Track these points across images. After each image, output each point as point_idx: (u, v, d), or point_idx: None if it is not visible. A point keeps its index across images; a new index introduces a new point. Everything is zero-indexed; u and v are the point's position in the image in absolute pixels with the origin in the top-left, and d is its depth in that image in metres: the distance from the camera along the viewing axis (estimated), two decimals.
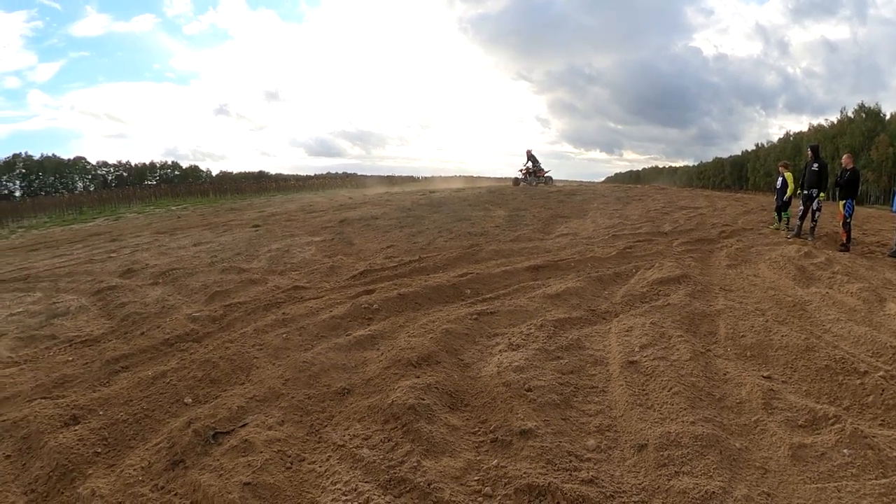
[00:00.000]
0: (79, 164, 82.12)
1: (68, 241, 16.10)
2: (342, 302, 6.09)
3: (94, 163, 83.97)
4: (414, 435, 3.29)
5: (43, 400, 4.30)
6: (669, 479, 2.82)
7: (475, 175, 49.04)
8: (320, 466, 3.18)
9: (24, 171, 77.97)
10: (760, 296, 6.07)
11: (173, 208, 27.61)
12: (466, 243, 9.51)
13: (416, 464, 3.02)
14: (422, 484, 2.87)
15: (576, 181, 40.70)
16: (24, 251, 14.97)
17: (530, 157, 24.22)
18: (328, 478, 3.03)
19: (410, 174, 56.81)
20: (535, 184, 23.30)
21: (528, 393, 3.81)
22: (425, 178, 48.85)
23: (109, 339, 5.80)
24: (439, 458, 3.13)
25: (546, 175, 24.44)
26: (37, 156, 78.37)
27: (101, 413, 4.00)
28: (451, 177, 48.84)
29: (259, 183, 48.96)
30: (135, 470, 3.32)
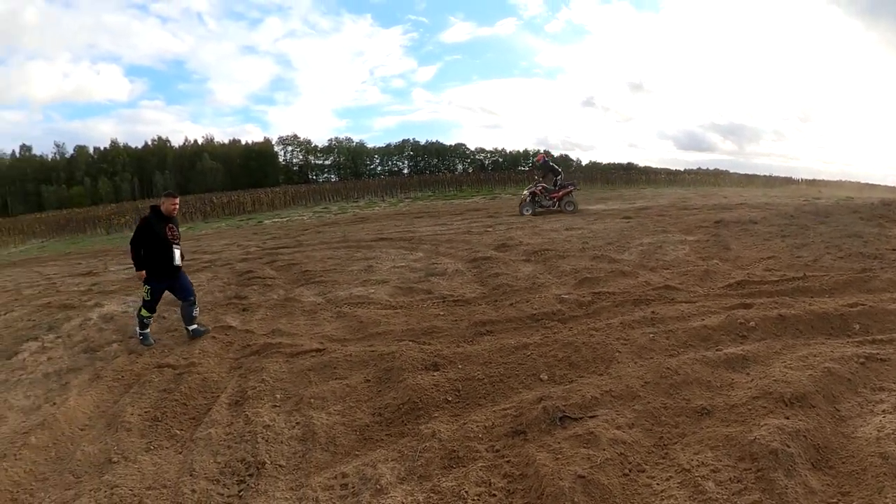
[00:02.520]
0: (459, 150, 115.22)
1: (449, 213, 21.00)
2: (715, 312, 6.22)
3: (472, 149, 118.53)
4: (766, 484, 3.26)
5: (410, 343, 6.04)
6: None
7: (864, 182, 48.10)
8: (658, 485, 3.49)
9: (411, 153, 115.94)
10: None
11: None
12: (857, 266, 8.43)
13: None
14: None
15: None
16: (410, 217, 20.56)
17: (545, 166, 19.57)
18: (663, 499, 3.34)
19: (788, 174, 56.50)
20: (539, 208, 18.80)
21: None
22: (805, 180, 45.02)
23: (479, 303, 7.56)
24: None
25: (566, 193, 18.97)
26: (422, 141, 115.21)
27: (459, 367, 5.34)
28: (836, 181, 50.15)
29: (628, 174, 56.26)
30: (477, 426, 4.30)
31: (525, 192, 19.67)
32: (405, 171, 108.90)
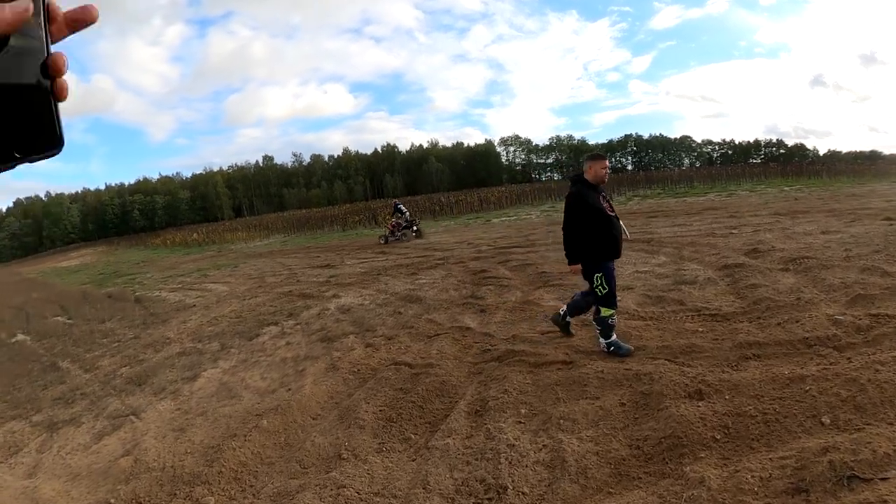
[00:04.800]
0: (684, 143, 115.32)
1: (684, 212, 20.49)
2: None
3: (698, 141, 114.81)
4: None
5: (667, 363, 5.34)
6: None
7: None
8: None
9: (634, 148, 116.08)
10: None
11: (786, 188, 30.92)
12: None
13: None
14: None
15: None
16: (643, 217, 20.04)
17: (396, 209, 25.58)
18: None
19: None
20: (403, 238, 24.16)
21: None
22: None
23: (740, 319, 6.62)
24: None
25: (410, 226, 24.87)
26: (645, 136, 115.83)
27: (726, 398, 4.56)
28: None
29: (875, 165, 49.35)
30: (751, 476, 3.57)
31: (385, 229, 25.90)
32: (629, 167, 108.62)
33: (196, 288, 16.43)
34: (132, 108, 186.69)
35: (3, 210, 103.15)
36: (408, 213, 25.44)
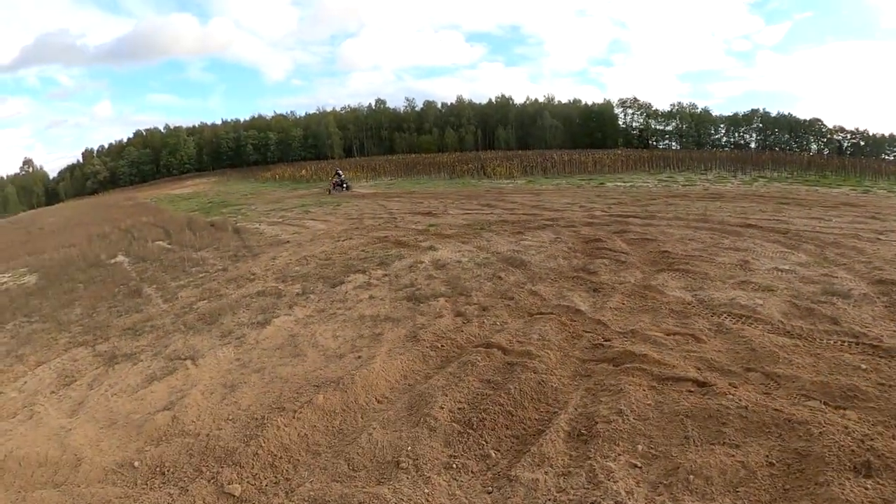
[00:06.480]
0: (814, 126, 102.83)
1: (818, 204, 17.43)
2: None
3: (829, 126, 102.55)
4: None
5: (826, 408, 3.88)
6: None
7: None
8: None
9: (760, 125, 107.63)
10: None
11: None
12: None
13: None
14: None
15: None
16: (773, 202, 17.36)
17: (337, 174, 33.69)
18: None
19: None
20: (339, 190, 30.43)
21: None
22: None
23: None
24: None
25: (343, 184, 31.44)
26: (773, 113, 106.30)
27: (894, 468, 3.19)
28: None
29: None
30: None
31: (329, 184, 32.37)
32: (752, 144, 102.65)
33: (294, 223, 16.25)
34: (250, 48, 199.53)
35: (124, 140, 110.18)
36: (343, 176, 33.60)
